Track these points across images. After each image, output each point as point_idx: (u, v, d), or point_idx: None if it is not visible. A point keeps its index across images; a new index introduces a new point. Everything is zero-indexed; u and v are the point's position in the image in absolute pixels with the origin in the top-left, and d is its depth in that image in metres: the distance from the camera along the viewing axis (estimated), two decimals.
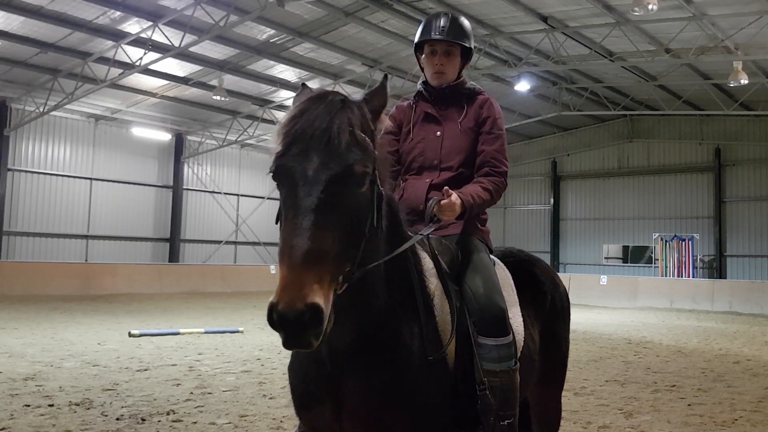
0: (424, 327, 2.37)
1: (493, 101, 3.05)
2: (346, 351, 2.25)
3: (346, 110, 1.99)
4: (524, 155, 31.11)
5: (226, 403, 6.31)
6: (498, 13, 16.51)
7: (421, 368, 2.29)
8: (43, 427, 5.29)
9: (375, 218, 2.01)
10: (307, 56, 19.37)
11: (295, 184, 1.88)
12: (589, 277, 25.17)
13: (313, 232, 1.78)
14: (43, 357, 8.68)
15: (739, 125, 26.03)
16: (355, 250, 1.92)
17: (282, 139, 1.99)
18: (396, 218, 2.37)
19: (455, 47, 3.00)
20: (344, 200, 1.87)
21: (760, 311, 20.46)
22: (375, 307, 2.26)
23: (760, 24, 15.14)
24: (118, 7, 15.53)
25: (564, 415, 3.58)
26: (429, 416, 2.32)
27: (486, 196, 2.81)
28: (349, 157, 1.90)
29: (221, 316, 14.65)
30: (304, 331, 1.70)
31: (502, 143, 2.98)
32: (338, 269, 1.82)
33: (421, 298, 2.41)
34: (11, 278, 19.31)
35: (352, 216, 1.89)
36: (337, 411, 2.31)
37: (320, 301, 1.70)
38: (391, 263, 2.29)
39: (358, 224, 1.93)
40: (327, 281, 1.75)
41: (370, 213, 1.99)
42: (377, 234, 2.06)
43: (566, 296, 3.40)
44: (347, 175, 1.89)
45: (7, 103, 21.60)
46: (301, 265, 1.72)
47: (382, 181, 2.13)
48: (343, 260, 1.84)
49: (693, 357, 10.47)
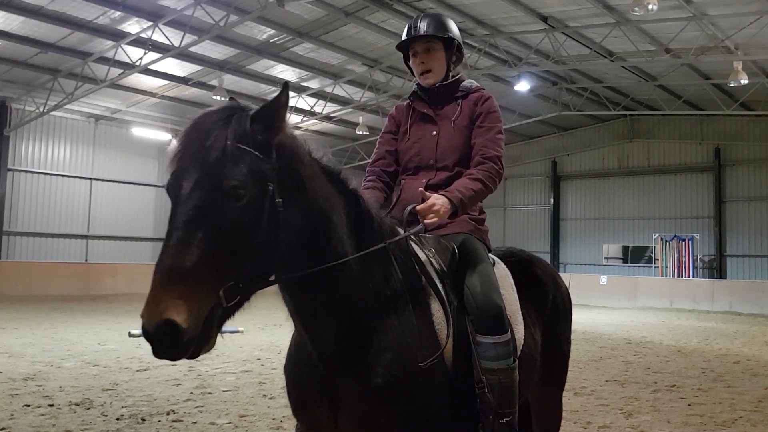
0: (418, 327, 2.36)
1: (488, 97, 3.01)
2: (334, 351, 2.28)
3: (226, 126, 1.94)
4: (524, 155, 31.10)
5: (226, 403, 6.31)
6: (498, 13, 16.51)
7: (415, 369, 2.29)
8: (43, 427, 5.28)
9: (267, 231, 1.93)
10: (307, 56, 19.36)
11: (173, 203, 1.90)
12: (589, 277, 25.18)
13: (178, 249, 1.79)
14: (43, 357, 8.68)
15: (739, 125, 26.02)
16: (236, 264, 1.87)
17: (168, 158, 1.99)
18: (365, 217, 2.37)
19: (434, 42, 2.98)
20: (214, 217, 1.84)
21: (760, 311, 20.47)
22: (357, 306, 2.29)
23: (760, 24, 15.14)
24: (118, 7, 15.52)
25: (564, 415, 3.58)
26: (425, 417, 2.32)
27: (476, 186, 2.74)
28: (220, 174, 1.86)
29: None
30: (162, 344, 1.77)
31: (496, 133, 2.91)
32: (210, 285, 1.82)
33: (412, 298, 2.41)
34: (11, 278, 19.31)
35: (223, 232, 1.85)
36: (333, 412, 2.31)
37: (177, 317, 1.73)
38: (370, 262, 2.33)
39: (236, 239, 1.87)
40: (194, 297, 1.77)
41: (259, 226, 1.92)
42: (276, 245, 1.97)
43: (568, 296, 3.40)
44: (216, 191, 1.85)
45: (7, 103, 21.60)
46: (162, 281, 1.76)
47: (294, 190, 2.06)
48: (214, 276, 1.82)
49: (693, 357, 10.47)
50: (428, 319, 2.43)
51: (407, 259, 2.52)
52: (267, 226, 1.94)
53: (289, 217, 2.02)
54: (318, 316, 2.27)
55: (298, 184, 2.09)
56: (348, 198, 2.35)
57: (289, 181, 2.04)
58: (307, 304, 2.25)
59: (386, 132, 3.17)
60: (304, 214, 2.10)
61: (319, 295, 2.23)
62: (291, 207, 2.03)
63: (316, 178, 2.21)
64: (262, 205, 1.93)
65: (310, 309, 2.26)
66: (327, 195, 2.23)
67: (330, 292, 2.24)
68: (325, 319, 2.27)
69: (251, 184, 1.90)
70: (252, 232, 1.91)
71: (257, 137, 1.96)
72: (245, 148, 1.92)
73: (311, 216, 2.13)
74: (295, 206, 2.05)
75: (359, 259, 2.30)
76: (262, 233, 1.93)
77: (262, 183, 1.94)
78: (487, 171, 2.80)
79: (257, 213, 1.92)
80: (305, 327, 2.31)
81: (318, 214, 2.17)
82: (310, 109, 23.44)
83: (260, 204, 1.93)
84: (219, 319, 1.90)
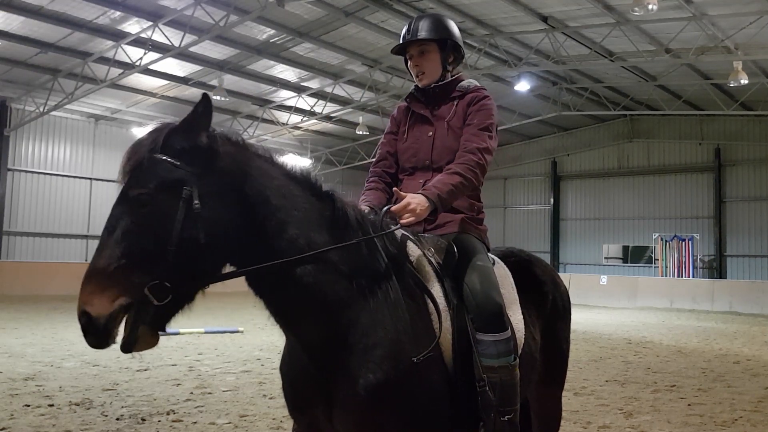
0: (411, 323, 2.36)
1: (482, 96, 2.96)
2: (321, 350, 2.30)
3: (148, 140, 2.14)
4: (524, 155, 31.11)
5: (226, 403, 6.31)
6: (498, 13, 16.51)
7: (408, 365, 2.29)
8: (43, 427, 5.29)
9: (185, 231, 2.05)
10: (307, 56, 19.36)
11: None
12: (589, 277, 25.18)
13: (97, 253, 2.04)
14: (43, 357, 8.68)
15: (739, 125, 26.02)
16: (154, 263, 2.02)
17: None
18: (340, 215, 2.40)
19: (427, 44, 2.97)
20: (125, 222, 2.05)
21: (760, 311, 20.47)
22: (339, 303, 2.30)
23: (760, 24, 15.13)
24: (118, 7, 15.52)
25: (564, 415, 3.58)
26: (422, 414, 2.32)
27: (454, 180, 2.68)
28: (129, 184, 2.09)
29: (221, 316, 14.64)
30: (85, 333, 2.01)
31: (481, 128, 2.85)
32: (127, 281, 2.00)
33: (405, 295, 2.41)
34: (11, 278, 19.32)
35: (133, 235, 2.03)
36: (329, 412, 2.32)
37: (89, 308, 1.98)
38: (352, 259, 2.35)
39: (147, 240, 2.03)
40: (107, 291, 1.98)
41: (173, 227, 2.04)
42: (199, 245, 2.07)
43: (567, 296, 3.41)
44: (126, 199, 2.08)
45: (7, 103, 21.60)
46: (84, 281, 2.01)
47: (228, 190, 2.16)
48: (129, 274, 2.00)
49: (693, 357, 10.47)
50: (424, 316, 2.43)
51: (402, 257, 2.53)
52: (183, 227, 2.05)
53: (216, 216, 2.11)
54: (295, 315, 2.31)
55: (234, 185, 2.18)
56: (321, 199, 2.41)
57: (218, 183, 2.15)
58: (279, 303, 2.30)
59: (388, 133, 3.18)
60: (244, 213, 2.18)
61: (290, 293, 2.26)
62: (219, 207, 2.12)
63: (267, 178, 2.28)
64: (174, 207, 2.06)
65: (284, 308, 2.31)
66: (283, 194, 2.29)
67: (302, 290, 2.26)
68: (304, 318, 2.30)
69: (158, 190, 2.06)
70: (165, 234, 2.04)
71: (174, 147, 2.12)
72: (159, 158, 2.10)
73: (257, 214, 2.21)
74: (227, 206, 2.15)
75: (339, 256, 2.33)
76: (178, 234, 2.04)
77: (175, 187, 2.08)
78: (465, 164, 2.75)
79: (168, 216, 2.05)
80: (286, 327, 2.36)
81: (266, 212, 2.23)
82: (310, 109, 23.44)
83: (172, 207, 2.06)
84: (152, 317, 2.05)
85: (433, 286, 2.53)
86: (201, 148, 2.15)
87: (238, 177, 2.20)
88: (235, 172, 2.20)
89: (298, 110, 23.69)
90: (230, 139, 2.27)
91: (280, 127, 25.14)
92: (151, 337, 2.09)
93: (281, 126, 25.05)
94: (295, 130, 26.73)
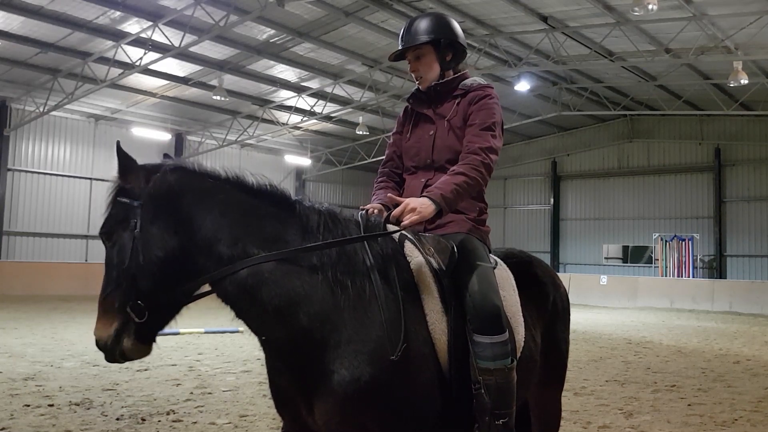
0: (390, 321, 2.35)
1: (485, 94, 2.91)
2: (290, 348, 2.36)
3: (108, 187, 2.54)
4: (524, 155, 31.11)
5: (226, 403, 6.31)
6: (498, 13, 16.51)
7: (385, 362, 2.28)
8: (43, 427, 5.29)
9: (131, 256, 2.38)
10: (307, 56, 19.37)
11: None
12: (589, 277, 25.18)
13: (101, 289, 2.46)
14: (43, 357, 8.68)
15: (739, 125, 26.02)
16: (125, 288, 2.37)
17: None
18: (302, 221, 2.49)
19: (422, 47, 2.95)
20: (107, 257, 2.47)
21: (760, 311, 20.47)
22: (304, 302, 2.33)
23: (760, 24, 15.13)
24: (118, 7, 15.52)
25: (564, 415, 3.58)
26: (406, 413, 2.32)
27: (458, 180, 2.66)
28: (102, 227, 2.51)
29: (221, 316, 14.52)
30: (101, 352, 2.43)
31: (484, 127, 2.82)
32: (114, 307, 2.37)
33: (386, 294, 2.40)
34: (11, 278, 19.32)
35: (111, 268, 2.43)
36: (308, 406, 2.36)
37: (95, 333, 2.41)
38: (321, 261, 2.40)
39: (117, 270, 2.40)
40: (104, 317, 2.41)
41: (128, 254, 2.39)
42: (141, 265, 2.37)
43: (566, 297, 3.40)
44: (102, 238, 2.51)
45: (7, 103, 21.60)
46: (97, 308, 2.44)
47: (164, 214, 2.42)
48: (115, 300, 2.38)
49: (693, 357, 10.47)
50: (411, 315, 2.42)
51: (393, 257, 2.53)
52: (132, 252, 2.38)
53: (151, 238, 2.39)
54: (256, 316, 2.38)
55: (168, 208, 2.42)
56: (280, 206, 2.53)
57: (154, 209, 2.41)
58: (240, 307, 2.41)
59: (395, 133, 3.19)
60: (180, 231, 2.40)
61: (249, 295, 2.36)
62: (153, 229, 2.39)
63: (207, 196, 2.46)
64: (128, 238, 2.41)
65: (244, 310, 2.41)
66: (226, 207, 2.45)
67: (259, 291, 2.34)
68: (266, 318, 2.36)
69: (117, 226, 2.44)
70: (125, 261, 2.39)
71: (125, 187, 2.47)
72: (118, 200, 2.47)
73: (192, 230, 2.41)
74: (161, 228, 2.40)
75: (307, 258, 2.40)
76: (130, 258, 2.38)
77: (128, 221, 2.42)
78: (470, 164, 2.73)
79: (124, 245, 2.41)
80: (252, 329, 2.43)
81: (207, 226, 2.41)
82: (310, 109, 23.43)
83: (126, 238, 2.41)
84: (136, 332, 2.37)
85: (429, 287, 2.52)
86: (141, 185, 2.45)
87: (173, 201, 2.42)
88: (171, 196, 2.43)
89: (298, 110, 23.68)
90: (176, 168, 2.49)
91: (280, 127, 25.14)
92: (142, 346, 2.42)
93: (281, 126, 25.04)
94: (295, 130, 26.73)
